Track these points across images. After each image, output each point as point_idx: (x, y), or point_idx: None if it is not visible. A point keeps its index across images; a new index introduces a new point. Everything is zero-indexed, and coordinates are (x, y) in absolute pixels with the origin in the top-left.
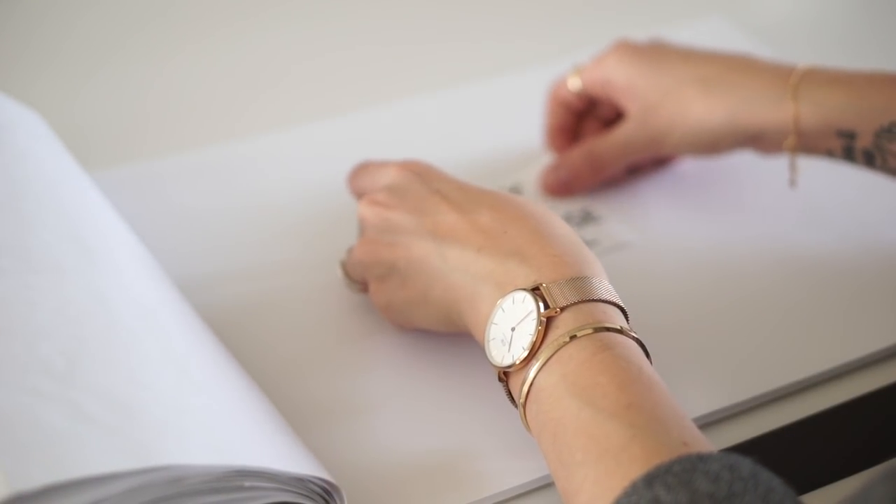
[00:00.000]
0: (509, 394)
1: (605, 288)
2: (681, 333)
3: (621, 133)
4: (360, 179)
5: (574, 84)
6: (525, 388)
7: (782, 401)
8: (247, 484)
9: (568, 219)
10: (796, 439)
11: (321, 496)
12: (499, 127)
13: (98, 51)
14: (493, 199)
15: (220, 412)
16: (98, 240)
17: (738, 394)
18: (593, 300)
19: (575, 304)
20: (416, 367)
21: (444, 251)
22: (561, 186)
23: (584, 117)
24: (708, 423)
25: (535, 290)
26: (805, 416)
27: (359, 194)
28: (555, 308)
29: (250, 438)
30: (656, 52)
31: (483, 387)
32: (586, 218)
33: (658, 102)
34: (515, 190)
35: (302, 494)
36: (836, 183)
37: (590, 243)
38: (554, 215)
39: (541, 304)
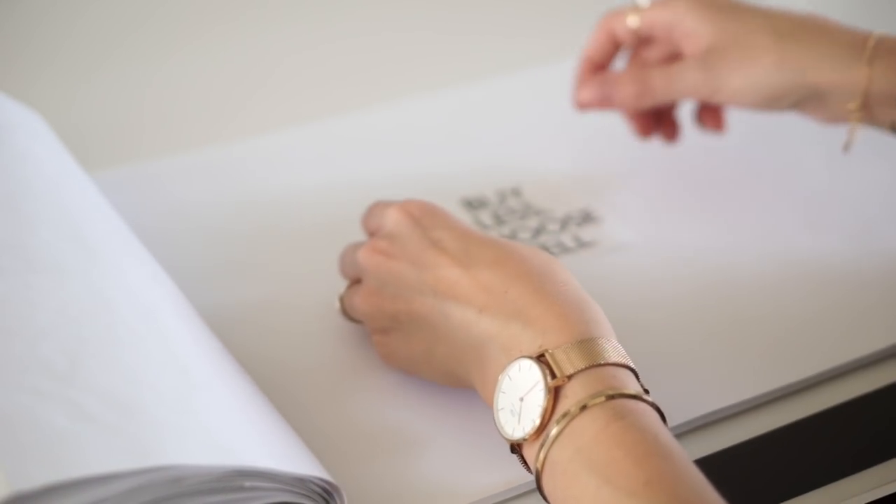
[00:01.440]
0: (524, 462)
1: (613, 349)
2: (681, 334)
3: (679, 66)
4: (368, 220)
5: (633, 21)
6: (540, 461)
7: (783, 401)
8: (247, 484)
9: (567, 219)
10: (796, 439)
11: (321, 496)
12: (498, 127)
13: (97, 50)
14: (495, 253)
15: (221, 412)
16: (98, 239)
17: (738, 394)
18: (602, 364)
19: (583, 370)
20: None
21: (446, 309)
22: (598, 98)
23: (634, 58)
24: (707, 423)
25: (541, 357)
26: (805, 416)
27: (370, 235)
28: (562, 377)
29: (250, 438)
30: (729, 1)
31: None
32: (586, 218)
33: (725, 47)
34: (516, 191)
35: (302, 494)
36: (837, 184)
37: (590, 244)
38: (559, 267)
39: (547, 374)
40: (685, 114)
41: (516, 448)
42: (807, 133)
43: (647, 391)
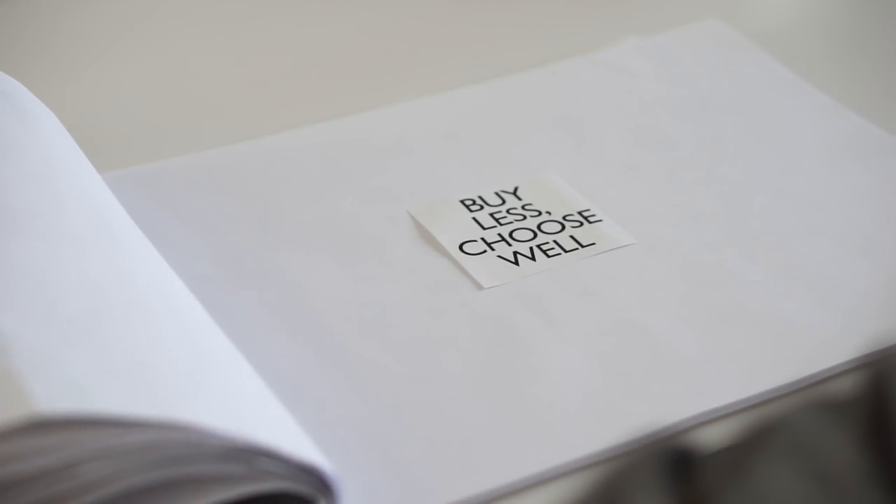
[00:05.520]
0: None
1: None
2: (681, 334)
3: None
4: None
5: None
6: None
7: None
8: (257, 462)
9: (566, 220)
10: None
11: (320, 487)
12: (498, 127)
13: (104, 51)
14: None
15: (234, 393)
16: (117, 227)
17: (735, 394)
18: None
19: None
20: (418, 366)
21: None
22: None
23: None
24: (705, 421)
25: None
26: None
27: None
28: None
29: (262, 422)
30: None
31: (483, 380)
32: (585, 219)
33: None
34: (515, 191)
35: (303, 483)
36: (835, 184)
37: (588, 246)
38: None
39: None
40: (684, 117)
41: None
42: (805, 135)
43: None
